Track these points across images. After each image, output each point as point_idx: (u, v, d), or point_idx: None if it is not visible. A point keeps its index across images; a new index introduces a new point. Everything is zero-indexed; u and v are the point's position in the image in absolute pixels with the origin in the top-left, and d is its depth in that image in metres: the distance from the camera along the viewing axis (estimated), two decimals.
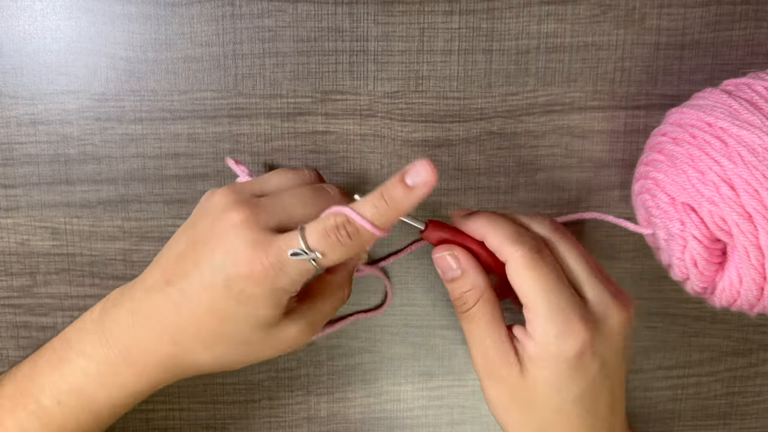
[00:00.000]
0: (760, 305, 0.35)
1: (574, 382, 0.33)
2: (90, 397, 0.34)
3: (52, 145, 0.40)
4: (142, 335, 0.33)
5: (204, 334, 0.33)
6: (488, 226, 0.34)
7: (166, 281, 0.33)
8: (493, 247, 0.34)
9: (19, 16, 0.39)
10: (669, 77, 0.41)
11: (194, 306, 0.32)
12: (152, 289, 0.33)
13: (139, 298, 0.34)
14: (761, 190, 0.32)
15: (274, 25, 0.40)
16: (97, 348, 0.34)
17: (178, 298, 0.32)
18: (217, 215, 0.33)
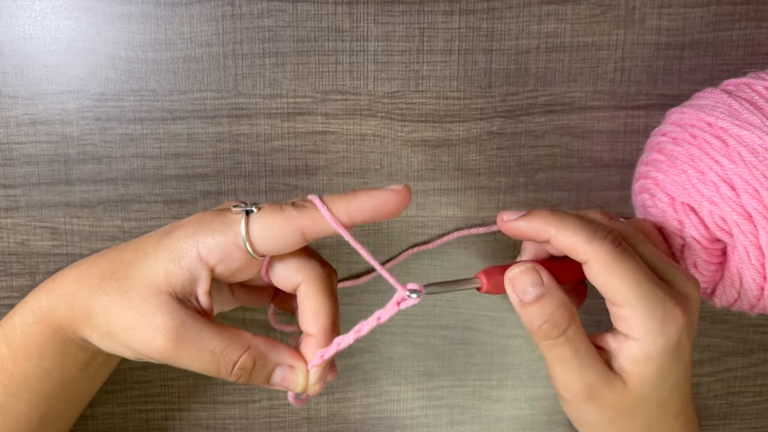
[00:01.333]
0: (760, 305, 0.35)
1: (674, 369, 0.31)
2: (10, 322, 0.33)
3: (51, 145, 0.40)
4: (73, 267, 0.33)
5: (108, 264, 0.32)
6: (555, 224, 0.30)
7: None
8: (566, 246, 0.30)
9: (19, 16, 0.39)
10: (669, 77, 0.41)
11: (134, 241, 0.33)
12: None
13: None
14: (761, 190, 0.32)
15: (274, 25, 0.40)
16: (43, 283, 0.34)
17: (126, 244, 0.33)
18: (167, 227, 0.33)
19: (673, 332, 0.30)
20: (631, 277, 0.29)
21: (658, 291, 0.30)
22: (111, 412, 0.43)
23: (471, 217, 0.43)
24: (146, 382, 0.43)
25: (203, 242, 0.30)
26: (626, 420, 0.32)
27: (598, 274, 0.30)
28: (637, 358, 0.30)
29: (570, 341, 0.30)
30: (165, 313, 0.30)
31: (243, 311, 0.43)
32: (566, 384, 0.31)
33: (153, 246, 0.31)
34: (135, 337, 0.30)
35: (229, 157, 0.41)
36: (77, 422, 0.42)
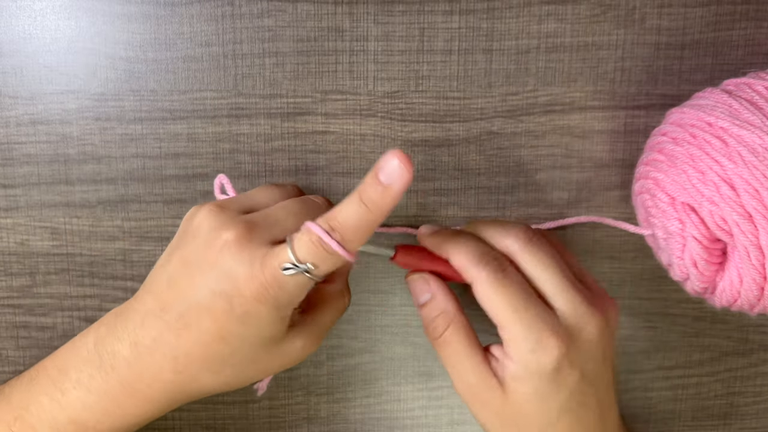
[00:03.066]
0: (761, 305, 0.35)
1: (556, 395, 0.33)
2: (89, 426, 0.33)
3: (51, 145, 0.40)
4: (144, 367, 0.32)
5: (210, 360, 0.32)
6: (451, 246, 0.34)
7: (161, 308, 0.32)
8: (457, 267, 0.34)
9: (18, 16, 0.39)
10: (669, 77, 0.41)
11: (197, 331, 0.31)
12: (149, 316, 0.32)
13: (136, 327, 0.32)
14: (761, 189, 0.32)
15: (274, 25, 0.40)
16: (97, 381, 0.33)
17: (177, 324, 0.31)
18: (206, 235, 0.31)
19: (546, 359, 0.32)
20: (508, 303, 0.32)
21: (534, 320, 0.32)
22: None
23: (471, 217, 0.43)
24: None
25: (290, 300, 0.32)
26: (512, 429, 0.34)
27: (479, 296, 0.33)
28: (513, 375, 0.33)
29: (447, 344, 0.34)
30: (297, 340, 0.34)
31: None
32: (453, 383, 0.35)
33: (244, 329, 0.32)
34: (291, 364, 0.34)
35: (229, 157, 0.41)
36: None
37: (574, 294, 0.33)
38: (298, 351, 0.34)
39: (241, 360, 0.32)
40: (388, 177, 0.29)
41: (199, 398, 0.34)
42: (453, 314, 0.34)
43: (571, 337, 0.32)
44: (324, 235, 0.30)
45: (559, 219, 0.43)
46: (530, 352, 0.32)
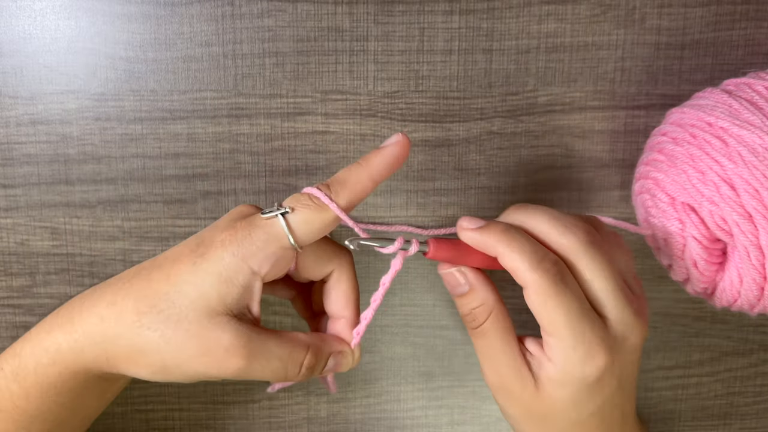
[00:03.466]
0: (761, 305, 0.35)
1: (592, 399, 0.32)
2: (22, 360, 0.32)
3: (51, 145, 0.40)
4: (89, 301, 0.32)
5: (143, 299, 0.31)
6: (503, 245, 0.31)
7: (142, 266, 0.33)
8: (509, 267, 0.31)
9: (18, 16, 0.39)
10: (669, 77, 0.41)
11: (152, 269, 0.31)
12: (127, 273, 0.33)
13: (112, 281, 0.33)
14: (761, 189, 0.32)
15: (274, 25, 0.40)
16: (52, 317, 0.33)
17: (145, 265, 0.32)
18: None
19: (592, 371, 0.31)
20: (563, 313, 0.30)
21: (587, 331, 0.31)
22: (111, 412, 0.43)
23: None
24: (146, 382, 0.43)
25: (252, 256, 0.30)
26: (537, 423, 0.33)
27: (533, 301, 0.31)
28: (551, 378, 0.32)
29: (485, 335, 0.33)
30: (230, 333, 0.30)
31: None
32: (484, 373, 0.34)
33: (190, 271, 0.31)
34: (205, 364, 0.30)
35: (229, 157, 0.41)
36: None
37: (625, 303, 0.32)
38: (221, 347, 0.30)
39: (167, 310, 0.30)
40: (386, 142, 0.32)
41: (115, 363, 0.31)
42: (493, 304, 0.33)
43: (615, 347, 0.31)
44: (313, 190, 0.31)
45: None
46: (578, 362, 0.31)
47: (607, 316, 0.32)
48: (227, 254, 0.30)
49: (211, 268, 0.30)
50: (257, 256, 0.31)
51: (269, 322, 0.43)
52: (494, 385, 0.34)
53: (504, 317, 0.33)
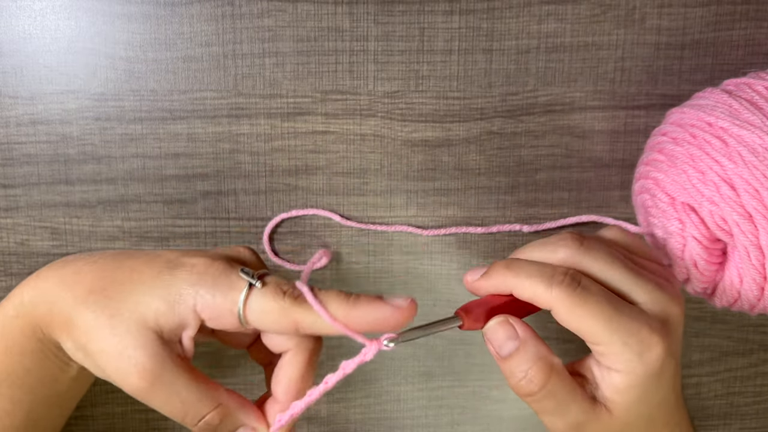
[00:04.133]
0: (761, 305, 0.35)
1: (660, 388, 0.31)
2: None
3: (51, 145, 0.40)
4: (60, 261, 0.33)
5: (100, 275, 0.31)
6: (511, 278, 0.30)
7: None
8: (528, 297, 0.30)
9: (18, 16, 0.39)
10: (669, 77, 0.41)
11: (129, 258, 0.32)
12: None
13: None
14: (762, 189, 0.32)
15: (274, 25, 0.40)
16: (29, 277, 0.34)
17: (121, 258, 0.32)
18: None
19: (654, 359, 0.29)
20: (599, 317, 0.29)
21: (630, 322, 0.29)
22: (111, 412, 0.43)
23: (471, 217, 0.43)
24: None
25: (201, 296, 0.30)
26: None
27: (565, 318, 0.29)
28: (619, 389, 0.30)
29: (550, 395, 0.30)
30: (147, 351, 0.29)
31: None
32: (550, 426, 0.31)
33: (151, 276, 0.31)
34: (111, 365, 0.30)
35: (229, 157, 0.41)
36: (77, 422, 0.42)
37: (648, 283, 0.31)
38: (131, 359, 0.29)
39: (110, 300, 0.30)
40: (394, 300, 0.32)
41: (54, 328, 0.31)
42: (551, 359, 0.30)
43: (662, 327, 0.30)
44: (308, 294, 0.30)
45: (560, 219, 0.43)
46: (637, 356, 0.29)
47: (638, 301, 0.31)
48: (186, 282, 0.30)
49: (165, 285, 0.30)
50: (205, 300, 0.30)
51: None
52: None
53: (564, 370, 0.31)
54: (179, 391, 0.30)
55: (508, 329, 0.31)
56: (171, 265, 0.31)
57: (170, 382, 0.30)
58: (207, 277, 0.30)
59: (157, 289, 0.30)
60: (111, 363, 0.30)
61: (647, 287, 0.31)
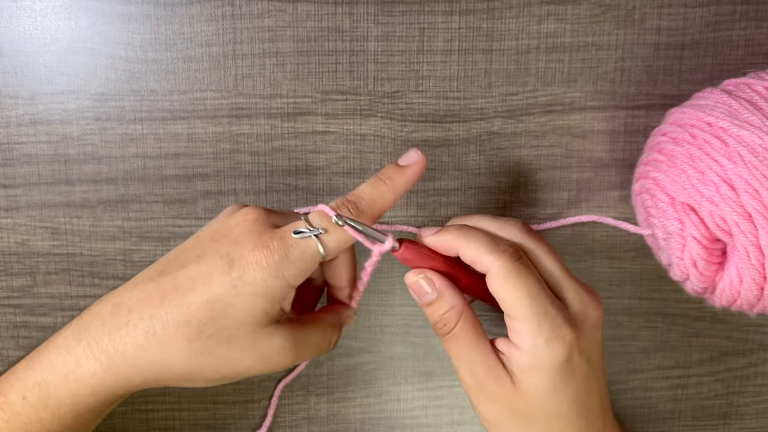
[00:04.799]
0: (760, 305, 0.35)
1: (567, 384, 0.33)
2: (51, 391, 0.32)
3: (52, 145, 0.40)
4: (116, 327, 0.31)
5: (186, 325, 0.31)
6: (461, 239, 0.33)
7: (159, 273, 0.32)
8: (470, 259, 0.33)
9: (19, 16, 0.39)
10: (669, 77, 0.42)
11: (184, 292, 0.31)
12: (144, 280, 0.32)
13: (125, 290, 0.32)
14: (761, 190, 0.32)
15: (274, 25, 0.40)
16: (70, 340, 0.32)
17: (168, 286, 0.31)
18: (232, 214, 0.33)
19: (560, 349, 0.32)
20: (526, 292, 0.32)
21: (549, 308, 0.32)
22: (111, 412, 0.43)
23: None
24: None
25: (290, 274, 0.32)
26: (519, 422, 0.34)
27: (496, 284, 0.32)
28: (524, 368, 0.32)
29: (457, 338, 0.34)
30: (279, 339, 0.32)
31: None
32: (462, 378, 0.35)
33: (231, 295, 0.31)
34: (261, 369, 0.33)
35: (229, 157, 0.41)
36: None
37: (575, 283, 0.34)
38: (274, 351, 0.32)
39: (216, 334, 0.31)
40: (405, 160, 0.34)
41: (167, 382, 0.33)
42: (462, 307, 0.34)
43: (578, 325, 0.33)
44: (336, 209, 0.32)
45: (560, 219, 0.43)
46: (545, 342, 0.31)
47: (564, 296, 0.33)
48: (269, 277, 0.31)
49: (254, 290, 0.31)
50: (294, 273, 0.32)
51: None
52: (472, 388, 0.34)
53: (473, 319, 0.34)
54: (312, 341, 0.34)
55: (427, 282, 0.34)
56: (235, 275, 0.31)
57: (305, 341, 0.34)
58: (281, 261, 0.31)
59: (249, 300, 0.31)
60: (262, 367, 0.33)
61: (573, 286, 0.34)
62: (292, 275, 0.32)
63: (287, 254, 0.31)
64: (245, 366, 0.32)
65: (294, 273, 0.32)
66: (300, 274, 0.32)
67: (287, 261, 0.31)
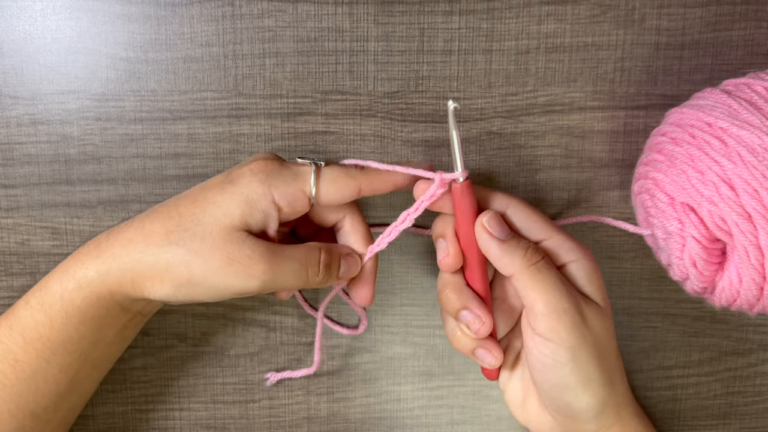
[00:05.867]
0: (760, 305, 0.35)
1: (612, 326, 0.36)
2: (47, 287, 0.34)
3: (52, 145, 0.40)
4: (117, 229, 0.35)
5: (169, 220, 0.34)
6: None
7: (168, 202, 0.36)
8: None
9: (19, 16, 0.39)
10: (669, 77, 0.42)
11: (178, 197, 0.35)
12: (154, 210, 0.35)
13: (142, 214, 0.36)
14: (761, 190, 0.32)
15: (274, 25, 0.40)
16: (80, 250, 0.35)
17: (171, 201, 0.35)
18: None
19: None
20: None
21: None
22: (111, 412, 0.43)
23: None
24: (146, 382, 0.43)
25: (276, 187, 0.34)
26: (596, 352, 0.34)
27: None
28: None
29: (544, 268, 0.34)
30: (252, 243, 0.33)
31: (243, 311, 0.43)
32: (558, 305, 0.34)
33: (217, 194, 0.34)
34: (231, 273, 0.33)
35: (229, 157, 0.41)
36: (77, 422, 0.42)
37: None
38: (243, 256, 0.33)
39: (193, 228, 0.33)
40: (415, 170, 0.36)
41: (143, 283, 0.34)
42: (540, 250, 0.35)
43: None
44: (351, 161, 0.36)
45: (559, 219, 0.43)
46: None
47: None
48: (255, 180, 0.34)
49: (238, 190, 0.33)
50: (281, 188, 0.34)
51: (269, 322, 0.43)
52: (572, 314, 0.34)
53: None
54: (291, 255, 0.34)
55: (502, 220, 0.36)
56: (228, 180, 0.34)
57: (281, 254, 0.34)
58: (272, 172, 0.34)
59: (233, 199, 0.33)
60: (231, 271, 0.33)
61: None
62: (278, 189, 0.34)
63: (281, 170, 0.34)
64: (214, 265, 0.33)
65: (281, 187, 0.34)
66: (286, 195, 0.34)
67: (279, 175, 0.34)
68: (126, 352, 0.42)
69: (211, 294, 0.34)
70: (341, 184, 0.35)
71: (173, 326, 0.43)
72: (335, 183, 0.35)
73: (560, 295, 0.34)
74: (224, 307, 0.43)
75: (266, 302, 0.43)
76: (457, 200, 0.35)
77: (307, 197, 0.35)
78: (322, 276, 0.35)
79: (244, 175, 0.34)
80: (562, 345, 0.33)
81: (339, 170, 0.35)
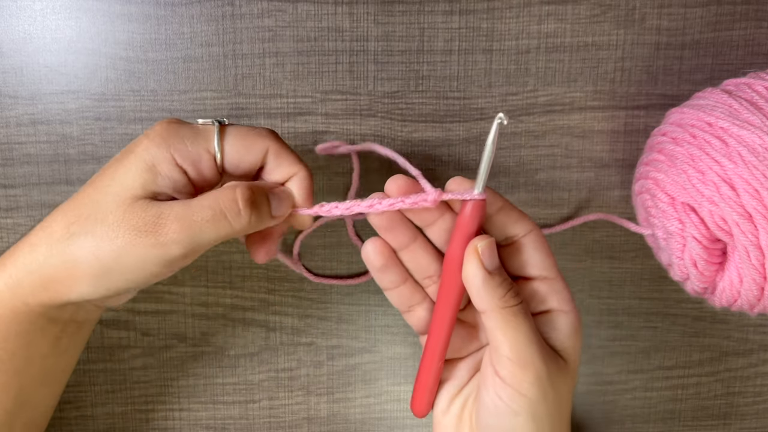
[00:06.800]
0: (761, 305, 0.35)
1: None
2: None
3: (51, 145, 0.40)
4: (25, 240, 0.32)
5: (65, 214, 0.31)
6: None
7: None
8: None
9: (19, 16, 0.39)
10: (669, 77, 0.42)
11: (80, 189, 0.32)
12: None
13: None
14: (761, 189, 0.32)
15: (274, 25, 0.40)
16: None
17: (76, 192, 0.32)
18: None
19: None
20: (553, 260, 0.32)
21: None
22: (111, 412, 0.43)
23: None
24: (146, 382, 0.43)
25: (176, 149, 0.31)
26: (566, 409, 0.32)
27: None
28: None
29: (521, 313, 0.31)
30: (156, 206, 0.30)
31: (243, 311, 0.43)
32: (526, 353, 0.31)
33: (114, 169, 0.31)
34: (143, 246, 0.29)
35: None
36: (78, 422, 0.42)
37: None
38: (150, 221, 0.30)
39: (93, 214, 0.30)
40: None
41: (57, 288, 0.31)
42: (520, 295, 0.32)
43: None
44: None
45: (559, 218, 0.43)
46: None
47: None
48: (152, 144, 0.30)
49: (135, 158, 0.30)
50: (180, 148, 0.31)
51: (269, 322, 0.43)
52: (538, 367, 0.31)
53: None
54: (201, 203, 0.30)
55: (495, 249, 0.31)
56: (126, 149, 0.31)
57: (191, 206, 0.30)
58: (170, 133, 0.31)
59: (131, 168, 0.30)
60: (142, 243, 0.29)
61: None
62: (179, 150, 0.31)
63: (179, 131, 0.31)
64: (122, 243, 0.29)
65: (181, 149, 0.31)
66: (190, 154, 0.31)
67: (177, 136, 0.31)
68: (126, 353, 0.42)
69: (134, 277, 0.30)
70: (248, 142, 0.32)
71: (173, 326, 0.43)
72: (242, 140, 0.31)
73: (530, 344, 0.31)
74: (224, 307, 0.43)
75: (266, 302, 0.43)
76: (467, 218, 0.31)
77: (212, 157, 0.31)
78: (247, 216, 0.31)
79: (140, 142, 0.31)
80: (522, 395, 0.31)
81: (246, 128, 0.32)
